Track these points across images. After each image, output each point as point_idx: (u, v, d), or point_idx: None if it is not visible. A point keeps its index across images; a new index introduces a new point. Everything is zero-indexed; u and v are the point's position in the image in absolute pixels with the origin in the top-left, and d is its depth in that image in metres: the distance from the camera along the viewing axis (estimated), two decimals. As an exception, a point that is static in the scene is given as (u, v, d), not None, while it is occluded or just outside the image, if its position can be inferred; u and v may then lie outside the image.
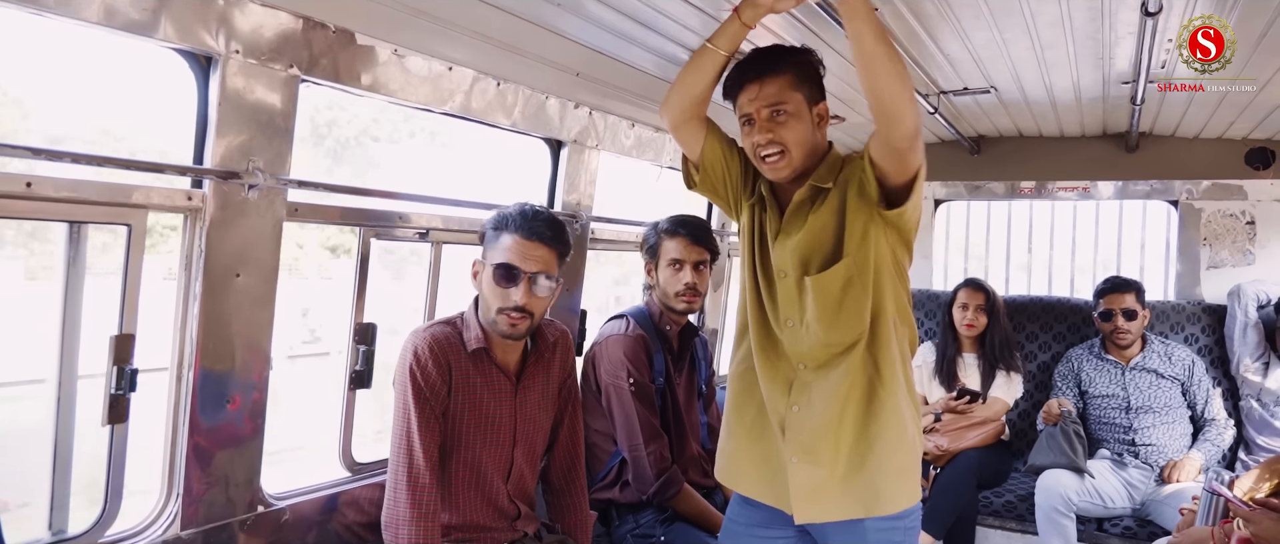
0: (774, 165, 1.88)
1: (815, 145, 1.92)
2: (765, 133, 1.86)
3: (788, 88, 1.86)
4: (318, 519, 2.29)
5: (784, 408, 1.95)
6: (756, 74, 1.86)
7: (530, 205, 2.17)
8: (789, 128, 1.86)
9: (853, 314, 1.89)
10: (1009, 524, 3.68)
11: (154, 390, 1.91)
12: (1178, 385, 3.67)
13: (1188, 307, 4.16)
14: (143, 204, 1.81)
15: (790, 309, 1.93)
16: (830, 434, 1.90)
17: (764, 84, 1.85)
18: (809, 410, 1.92)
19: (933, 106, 3.46)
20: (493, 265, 2.12)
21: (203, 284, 1.90)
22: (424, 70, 2.31)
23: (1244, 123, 3.87)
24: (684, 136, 1.99)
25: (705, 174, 2.03)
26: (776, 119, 1.85)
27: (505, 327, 2.13)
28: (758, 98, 1.86)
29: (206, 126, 1.89)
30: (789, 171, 1.89)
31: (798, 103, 1.87)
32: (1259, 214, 4.24)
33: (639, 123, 3.21)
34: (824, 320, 1.89)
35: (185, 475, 1.93)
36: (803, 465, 1.92)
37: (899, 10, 2.44)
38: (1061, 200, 4.72)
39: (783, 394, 1.95)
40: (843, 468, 1.89)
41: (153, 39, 1.73)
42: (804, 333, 1.92)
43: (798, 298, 1.92)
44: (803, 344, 1.92)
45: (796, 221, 1.92)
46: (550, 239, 2.13)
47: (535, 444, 2.31)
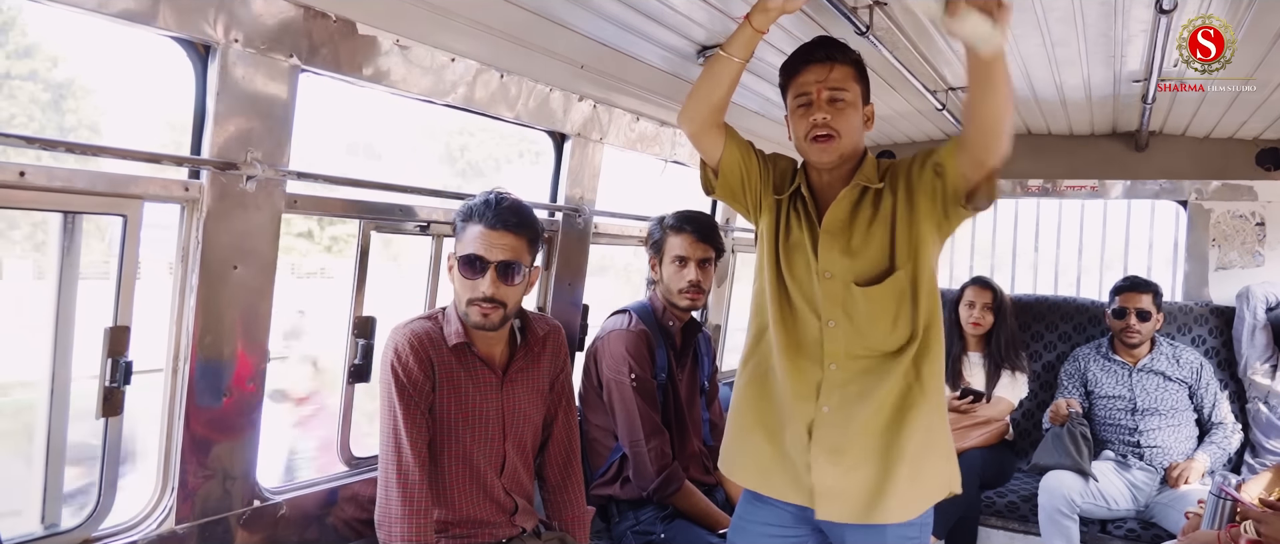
0: (825, 146, 1.90)
1: (860, 142, 1.96)
2: (824, 113, 1.88)
3: (851, 78, 1.91)
4: (316, 514, 2.27)
5: (812, 408, 1.94)
6: (826, 56, 1.90)
7: (495, 193, 2.14)
8: (846, 116, 1.89)
9: (903, 323, 1.92)
10: (1011, 525, 3.66)
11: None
12: (1185, 388, 3.64)
13: (1195, 308, 4.12)
14: (138, 194, 1.79)
15: (833, 309, 1.93)
16: (864, 438, 1.91)
17: (833, 68, 1.90)
18: (842, 413, 1.93)
19: (940, 103, 3.42)
20: (460, 257, 2.11)
21: (200, 276, 1.88)
22: (426, 61, 2.28)
23: (1256, 123, 3.83)
24: (704, 144, 2.00)
25: (724, 179, 2.03)
26: (836, 104, 1.89)
27: (477, 317, 2.10)
28: (825, 80, 1.89)
29: (205, 116, 1.86)
30: (835, 157, 1.91)
31: (856, 95, 1.92)
32: (1269, 215, 4.20)
33: (644, 116, 3.18)
34: (877, 327, 1.92)
35: (181, 469, 1.91)
36: (830, 465, 1.92)
37: (908, 5, 2.41)
38: (1070, 199, 4.68)
39: (810, 394, 1.95)
40: (873, 472, 1.90)
41: (151, 27, 1.70)
42: (850, 334, 1.92)
43: (843, 299, 1.92)
44: (842, 345, 1.93)
45: (841, 221, 1.94)
46: (516, 226, 2.10)
47: (526, 438, 2.29)
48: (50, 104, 12.42)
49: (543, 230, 2.23)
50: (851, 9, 2.32)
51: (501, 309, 2.11)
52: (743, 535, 2.10)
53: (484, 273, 2.08)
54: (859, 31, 2.37)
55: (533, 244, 2.16)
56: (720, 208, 3.99)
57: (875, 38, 2.45)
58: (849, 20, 2.32)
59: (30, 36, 11.01)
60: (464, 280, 2.11)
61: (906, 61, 2.86)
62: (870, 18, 2.40)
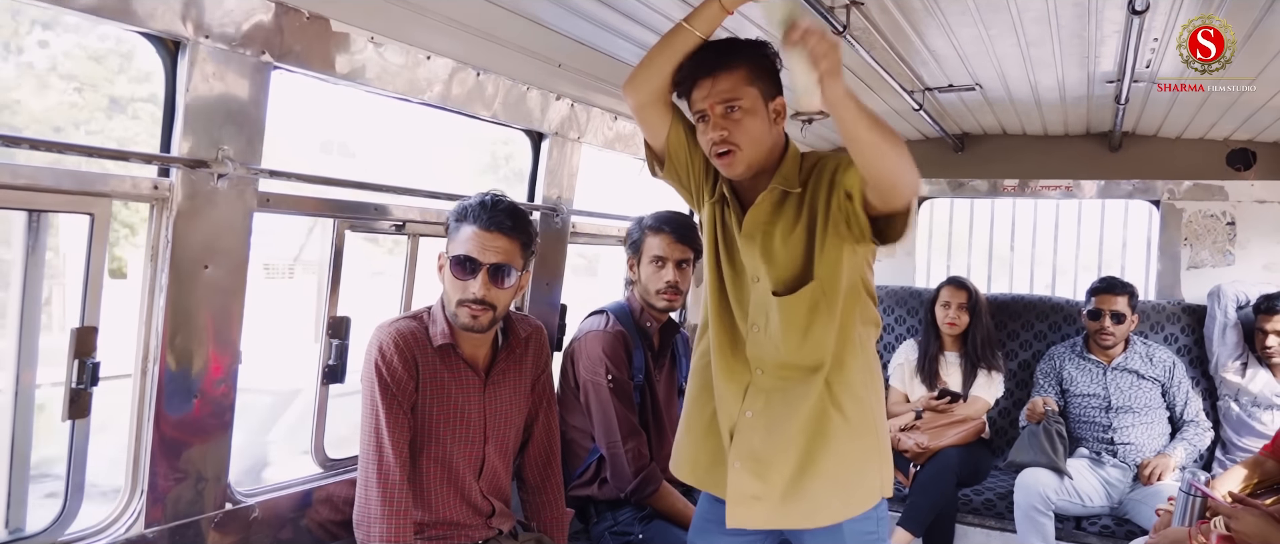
0: (727, 162, 1.80)
1: (773, 143, 1.84)
2: (719, 130, 1.78)
3: (742, 83, 1.77)
4: (290, 516, 2.25)
5: (736, 411, 1.92)
6: (709, 70, 1.77)
7: (491, 195, 2.11)
8: (742, 126, 1.78)
9: (818, 339, 1.85)
10: (988, 522, 3.68)
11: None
12: (1158, 386, 3.68)
13: (1168, 306, 4.17)
14: (106, 193, 1.76)
15: (759, 313, 1.89)
16: (779, 451, 1.87)
17: (717, 79, 1.77)
18: (760, 420, 1.90)
19: (917, 103, 3.44)
20: (452, 257, 2.08)
21: (170, 275, 1.85)
22: (401, 59, 2.26)
23: (1226, 124, 3.89)
24: (648, 120, 1.90)
25: (670, 162, 1.95)
26: (731, 115, 1.77)
27: (466, 319, 2.08)
28: (711, 94, 1.77)
29: (175, 114, 1.83)
30: (743, 170, 1.82)
31: (753, 98, 1.78)
32: (1239, 215, 4.26)
33: (621, 115, 3.17)
34: (789, 341, 1.85)
35: (150, 472, 1.88)
36: (744, 472, 1.90)
37: (886, 6, 2.42)
38: (1044, 199, 4.72)
39: (737, 397, 1.92)
40: (783, 484, 1.87)
41: (119, 23, 1.68)
42: (768, 341, 1.88)
43: (766, 306, 1.88)
44: (765, 351, 1.89)
45: (760, 224, 1.87)
46: (510, 229, 2.08)
47: (507, 440, 2.27)
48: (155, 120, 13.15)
49: (536, 234, 2.20)
50: (829, 8, 2.32)
51: (491, 312, 2.09)
52: (702, 536, 2.08)
53: (475, 274, 2.05)
54: (836, 31, 2.38)
55: (526, 247, 2.13)
56: (699, 207, 3.99)
57: (852, 38, 2.45)
58: (826, 19, 2.33)
59: (148, 63, 11.53)
60: (455, 280, 2.08)
61: (883, 62, 2.87)
62: (847, 17, 2.40)
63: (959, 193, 4.81)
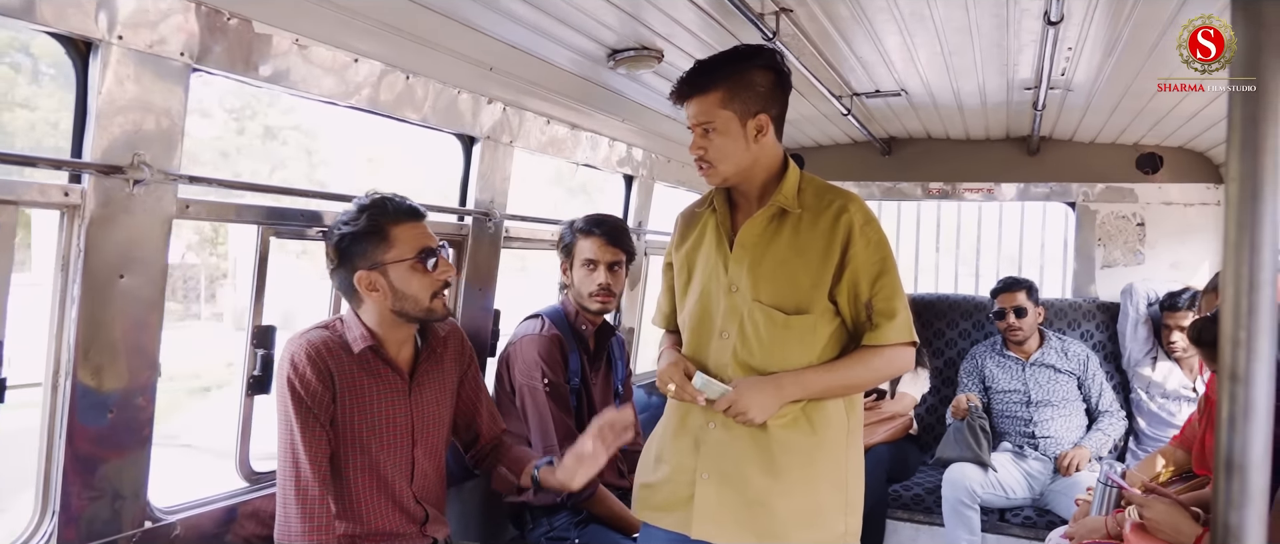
0: (706, 174, 1.95)
1: (756, 157, 1.92)
2: (698, 147, 1.92)
3: (715, 106, 1.88)
4: (213, 533, 2.17)
5: (701, 422, 1.96)
6: (686, 95, 1.92)
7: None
8: (716, 143, 1.90)
9: (797, 360, 1.91)
10: (918, 517, 3.78)
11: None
12: (1074, 380, 3.82)
13: (1083, 304, 4.34)
14: (11, 200, 1.67)
15: (729, 323, 1.94)
16: (747, 464, 1.91)
17: (692, 103, 1.91)
18: (727, 433, 1.93)
19: (846, 108, 3.51)
20: (416, 251, 2.07)
21: (82, 286, 1.77)
22: (328, 61, 2.21)
23: (1135, 129, 4.06)
24: None
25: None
26: (707, 136, 1.90)
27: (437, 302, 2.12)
28: (691, 115, 1.92)
29: (87, 117, 1.75)
30: (721, 180, 1.96)
31: (726, 120, 1.88)
32: (1148, 216, 4.46)
33: (554, 120, 3.16)
34: (767, 357, 1.91)
35: (62, 491, 1.79)
36: (712, 484, 1.93)
37: (814, 12, 2.46)
38: (968, 201, 4.87)
39: (701, 409, 1.95)
40: (752, 496, 1.91)
41: (27, 22, 1.60)
42: (737, 350, 1.93)
43: (741, 316, 1.92)
44: (727, 359, 1.93)
45: (753, 237, 1.94)
46: (421, 213, 2.14)
47: (436, 443, 2.24)
48: (303, 150, 17.46)
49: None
50: (758, 15, 2.35)
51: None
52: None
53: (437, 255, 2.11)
54: (766, 37, 2.41)
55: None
56: (632, 210, 4.00)
57: (782, 43, 2.49)
58: (756, 26, 2.36)
59: (290, 99, 12.29)
60: (417, 276, 2.08)
61: (812, 68, 2.92)
62: (777, 24, 2.44)
63: (888, 196, 4.92)
